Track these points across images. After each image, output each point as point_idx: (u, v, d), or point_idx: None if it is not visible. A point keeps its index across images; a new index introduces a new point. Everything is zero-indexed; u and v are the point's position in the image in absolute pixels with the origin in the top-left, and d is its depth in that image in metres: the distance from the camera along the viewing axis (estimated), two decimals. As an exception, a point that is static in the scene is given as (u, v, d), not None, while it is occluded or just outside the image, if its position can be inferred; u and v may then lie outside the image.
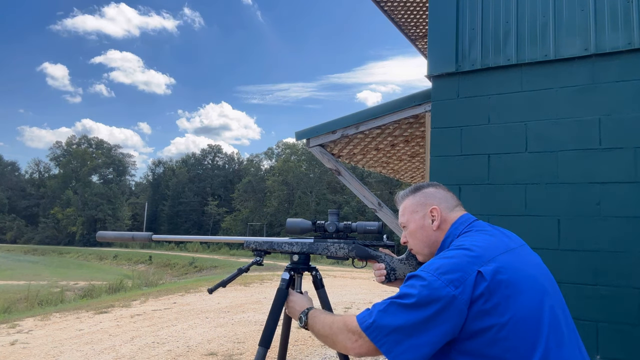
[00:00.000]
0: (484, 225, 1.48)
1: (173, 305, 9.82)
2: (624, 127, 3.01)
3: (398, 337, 1.24)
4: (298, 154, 56.20)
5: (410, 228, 1.57)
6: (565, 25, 3.27)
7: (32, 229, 72.85)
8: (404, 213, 1.60)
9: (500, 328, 1.22)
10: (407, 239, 1.61)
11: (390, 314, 1.27)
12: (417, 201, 1.57)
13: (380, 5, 6.51)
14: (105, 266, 38.96)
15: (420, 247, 1.57)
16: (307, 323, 1.57)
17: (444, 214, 1.52)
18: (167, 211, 69.89)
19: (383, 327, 1.26)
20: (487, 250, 1.31)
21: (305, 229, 1.95)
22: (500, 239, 1.40)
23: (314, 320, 1.54)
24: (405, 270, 1.75)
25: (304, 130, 4.62)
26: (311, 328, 1.55)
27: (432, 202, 1.54)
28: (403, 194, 1.64)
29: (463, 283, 1.23)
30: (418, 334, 1.23)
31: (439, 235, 1.52)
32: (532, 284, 1.29)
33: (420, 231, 1.54)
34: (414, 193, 1.60)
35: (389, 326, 1.26)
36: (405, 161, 6.11)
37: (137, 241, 2.12)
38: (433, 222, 1.52)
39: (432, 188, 1.59)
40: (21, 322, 8.06)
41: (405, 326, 1.24)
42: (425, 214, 1.54)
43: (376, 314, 1.29)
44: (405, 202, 1.60)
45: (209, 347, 6.16)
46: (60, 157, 76.60)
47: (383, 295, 11.62)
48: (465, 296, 1.23)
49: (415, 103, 3.98)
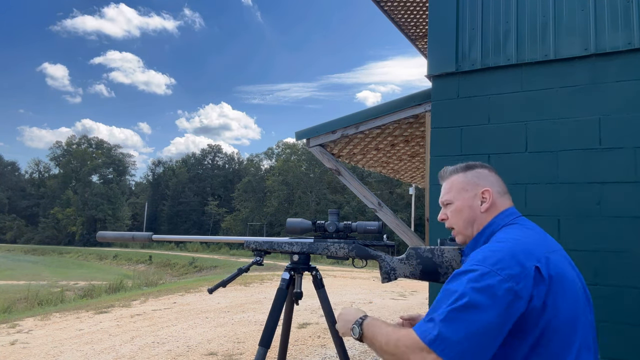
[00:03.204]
0: (528, 222, 1.45)
1: (173, 305, 9.82)
2: (624, 127, 3.01)
3: (465, 346, 1.12)
4: (298, 154, 56.18)
5: (456, 205, 1.50)
6: (565, 25, 3.27)
7: (32, 229, 72.84)
8: (450, 190, 1.53)
9: (546, 328, 1.20)
10: (448, 217, 1.54)
11: (454, 322, 1.14)
12: (469, 180, 1.50)
13: (380, 5, 6.51)
14: (105, 266, 38.96)
15: (462, 226, 1.50)
16: (363, 335, 1.37)
17: (495, 198, 1.47)
18: (167, 211, 69.87)
19: (447, 339, 1.13)
20: (539, 247, 1.28)
21: (305, 229, 1.95)
22: (546, 238, 1.38)
23: (374, 331, 1.34)
24: (405, 270, 1.74)
25: (304, 130, 4.62)
26: (369, 340, 1.35)
27: (485, 184, 1.49)
28: (452, 169, 1.57)
29: (524, 279, 1.18)
30: (485, 338, 1.14)
31: (485, 218, 1.46)
32: (573, 286, 1.28)
33: (468, 210, 1.48)
34: (465, 171, 1.53)
35: (454, 337, 1.13)
36: (405, 161, 6.11)
37: (137, 241, 2.12)
38: (482, 204, 1.46)
39: (486, 170, 1.53)
40: (21, 322, 8.06)
41: (472, 333, 1.13)
42: (477, 194, 1.47)
43: (439, 324, 1.16)
44: (454, 178, 1.54)
45: (209, 347, 6.16)
46: (60, 157, 76.55)
47: (383, 295, 11.63)
48: (526, 293, 1.18)
49: (415, 103, 3.98)
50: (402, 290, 12.54)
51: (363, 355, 5.76)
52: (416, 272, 1.72)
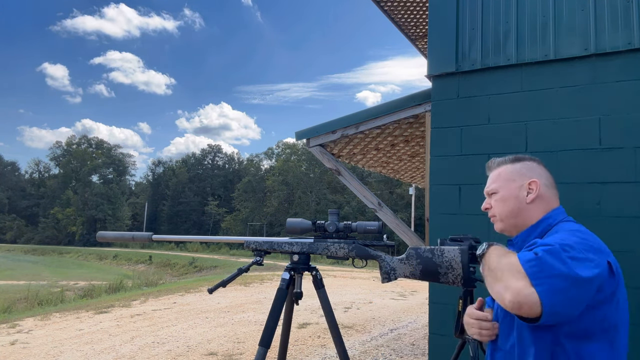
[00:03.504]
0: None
1: (173, 305, 9.82)
2: (624, 127, 3.01)
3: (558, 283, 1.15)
4: (298, 154, 56.17)
5: (501, 194, 1.51)
6: (565, 25, 3.27)
7: (32, 229, 72.81)
8: (497, 179, 1.54)
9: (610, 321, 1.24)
10: (492, 205, 1.54)
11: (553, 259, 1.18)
12: (517, 170, 1.52)
13: (380, 5, 6.51)
14: (105, 266, 38.96)
15: (506, 215, 1.50)
16: (485, 253, 1.36)
17: (542, 191, 1.48)
18: (167, 211, 69.85)
19: (545, 266, 1.16)
20: (604, 245, 1.31)
21: (305, 229, 1.95)
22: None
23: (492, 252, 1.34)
24: (405, 270, 1.74)
25: (304, 130, 4.63)
26: (486, 258, 1.34)
27: (533, 176, 1.50)
28: (500, 160, 1.58)
29: (599, 265, 1.22)
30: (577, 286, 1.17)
31: (530, 210, 1.47)
32: (624, 289, 1.33)
33: (513, 200, 1.49)
34: (513, 162, 1.54)
35: (551, 268, 1.16)
36: (405, 161, 6.11)
37: (137, 241, 2.12)
38: (528, 195, 1.47)
39: (534, 162, 1.54)
40: (21, 322, 8.06)
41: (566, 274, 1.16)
42: (523, 185, 1.48)
43: (542, 253, 1.20)
44: (502, 168, 1.55)
45: (209, 347, 6.16)
46: (60, 157, 76.53)
47: (383, 295, 11.63)
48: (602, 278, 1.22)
49: (415, 103, 3.98)
50: (402, 290, 12.54)
51: (363, 355, 5.76)
52: (416, 272, 1.71)
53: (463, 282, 1.62)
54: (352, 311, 9.11)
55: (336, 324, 2.00)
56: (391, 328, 7.54)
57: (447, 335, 3.34)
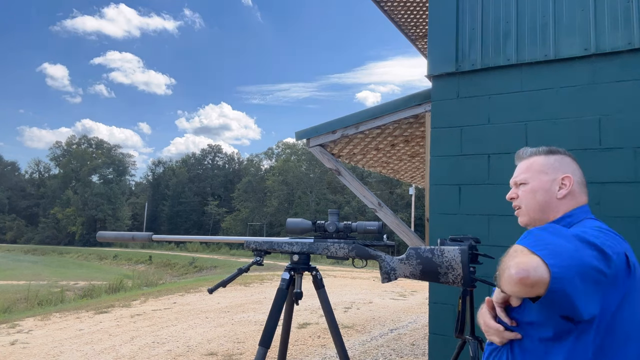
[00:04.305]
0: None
1: (173, 305, 9.82)
2: (624, 127, 3.01)
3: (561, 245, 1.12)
4: (298, 154, 56.19)
5: (532, 186, 1.44)
6: (565, 25, 3.27)
7: (32, 229, 72.81)
8: (528, 169, 1.47)
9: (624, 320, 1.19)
10: (520, 196, 1.47)
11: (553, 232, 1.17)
12: (551, 163, 1.45)
13: (380, 5, 6.51)
14: (105, 266, 38.95)
15: (533, 208, 1.44)
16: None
17: (574, 187, 1.43)
18: (167, 211, 69.85)
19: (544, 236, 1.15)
20: (623, 240, 1.28)
21: (306, 229, 1.95)
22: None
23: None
24: (405, 270, 1.74)
25: (304, 130, 4.63)
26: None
27: (567, 171, 1.44)
28: (533, 150, 1.51)
29: (614, 252, 1.19)
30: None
31: (559, 205, 1.41)
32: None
33: (543, 193, 1.42)
34: (547, 154, 1.48)
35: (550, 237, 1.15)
36: (405, 161, 6.11)
37: (137, 241, 2.12)
38: (560, 190, 1.41)
39: (569, 158, 1.48)
40: (21, 322, 8.06)
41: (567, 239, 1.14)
42: (556, 179, 1.43)
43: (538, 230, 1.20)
44: (535, 159, 1.48)
45: (209, 347, 6.16)
46: (60, 157, 76.52)
47: (383, 295, 11.63)
48: (620, 272, 1.18)
49: (415, 103, 3.98)
50: (402, 290, 12.54)
51: (363, 355, 5.76)
52: (416, 272, 1.72)
53: (463, 282, 1.63)
54: (352, 311, 9.11)
55: (336, 324, 2.00)
56: (391, 328, 7.54)
57: (447, 335, 3.35)
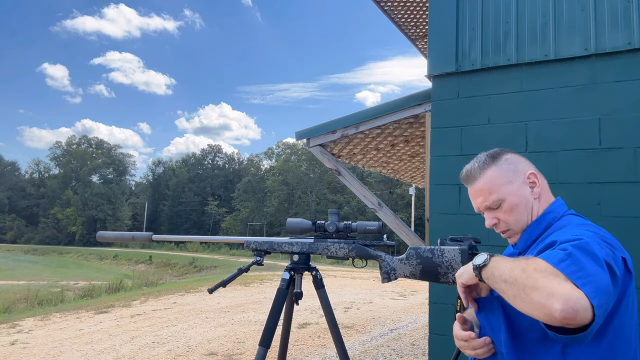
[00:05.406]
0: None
1: (173, 305, 9.82)
2: (624, 127, 3.01)
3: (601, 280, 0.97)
4: (298, 154, 56.21)
5: (510, 202, 1.26)
6: (565, 25, 3.28)
7: (32, 229, 72.80)
8: (493, 188, 1.27)
9: (623, 323, 1.10)
10: (502, 219, 1.29)
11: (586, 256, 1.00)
12: (507, 169, 1.29)
13: (380, 5, 6.51)
14: (105, 266, 38.94)
15: (522, 222, 1.27)
16: (487, 265, 1.08)
17: (541, 181, 1.29)
18: (167, 211, 69.88)
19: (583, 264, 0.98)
20: (616, 240, 1.17)
21: (305, 229, 1.95)
22: None
23: (498, 263, 1.08)
24: (405, 270, 1.74)
25: (304, 130, 4.63)
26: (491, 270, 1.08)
27: (524, 167, 1.30)
28: (478, 166, 1.32)
29: (618, 263, 1.08)
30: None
31: (536, 205, 1.27)
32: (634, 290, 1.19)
33: (524, 203, 1.26)
34: (495, 161, 1.30)
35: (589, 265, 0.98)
36: (405, 161, 6.11)
37: (137, 241, 2.12)
38: (534, 190, 1.27)
39: (510, 153, 1.33)
40: (21, 322, 8.06)
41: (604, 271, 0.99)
42: (523, 181, 1.27)
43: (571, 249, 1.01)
44: (489, 173, 1.29)
45: (209, 347, 6.16)
46: (60, 157, 76.56)
47: (383, 295, 11.62)
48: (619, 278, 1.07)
49: (415, 103, 3.98)
50: (402, 290, 12.54)
51: (363, 355, 5.76)
52: (416, 272, 1.72)
53: (463, 282, 1.62)
54: (352, 311, 9.11)
55: (336, 324, 2.00)
56: (391, 328, 7.54)
57: (447, 335, 3.35)
